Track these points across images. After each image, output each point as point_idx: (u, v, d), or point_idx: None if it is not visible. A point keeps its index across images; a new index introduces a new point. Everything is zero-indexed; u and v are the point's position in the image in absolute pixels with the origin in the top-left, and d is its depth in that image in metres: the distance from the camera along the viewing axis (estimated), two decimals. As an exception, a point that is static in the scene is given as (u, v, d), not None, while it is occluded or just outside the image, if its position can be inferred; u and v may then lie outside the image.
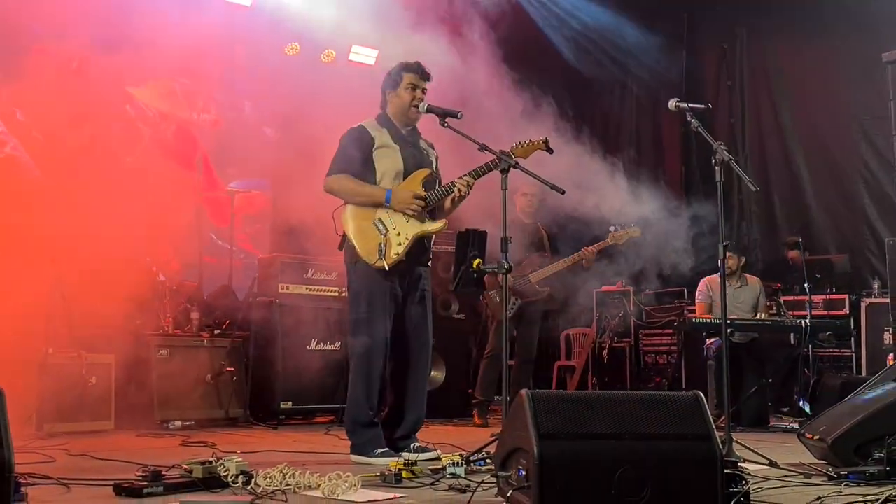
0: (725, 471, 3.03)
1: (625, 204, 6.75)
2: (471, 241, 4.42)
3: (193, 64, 8.72)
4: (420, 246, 4.79)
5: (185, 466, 3.62)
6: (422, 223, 4.72)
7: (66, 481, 3.59)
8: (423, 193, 4.71)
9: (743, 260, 7.50)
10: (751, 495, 3.26)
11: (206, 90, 8.70)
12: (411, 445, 4.62)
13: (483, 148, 4.49)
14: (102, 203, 7.31)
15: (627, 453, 2.95)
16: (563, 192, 4.42)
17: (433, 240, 4.97)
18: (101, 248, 6.99)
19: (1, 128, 8.31)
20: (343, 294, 4.92)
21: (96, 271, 6.76)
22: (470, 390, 7.49)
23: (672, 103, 4.73)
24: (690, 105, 4.66)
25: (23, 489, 3.18)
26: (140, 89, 9.14)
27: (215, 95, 9.09)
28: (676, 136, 10.69)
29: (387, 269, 4.63)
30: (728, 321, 4.78)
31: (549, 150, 4.78)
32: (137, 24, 7.63)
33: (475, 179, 4.72)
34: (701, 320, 6.95)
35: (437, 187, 4.81)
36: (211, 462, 3.60)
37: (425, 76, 4.86)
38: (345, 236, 4.77)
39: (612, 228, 6.89)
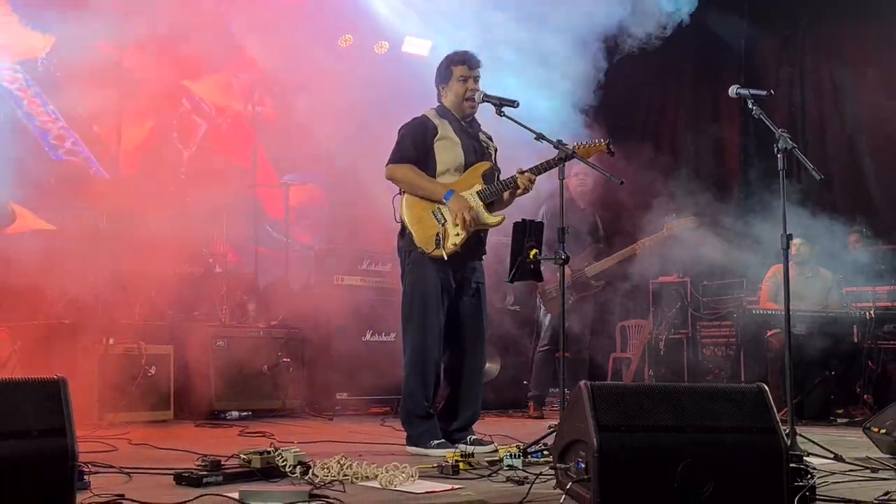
0: (791, 464, 2.96)
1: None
2: (528, 231, 4.37)
3: (249, 57, 8.79)
4: (476, 239, 4.75)
5: (243, 456, 3.64)
6: (480, 215, 4.69)
7: (127, 470, 3.64)
8: (476, 215, 4.64)
9: (817, 248, 7.32)
10: (816, 489, 3.18)
11: (262, 83, 8.76)
12: (468, 438, 4.61)
13: (539, 137, 4.44)
14: (160, 196, 7.42)
15: (689, 446, 2.89)
16: (621, 183, 4.35)
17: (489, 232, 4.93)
18: (160, 241, 7.10)
19: (61, 123, 8.47)
20: (398, 285, 4.89)
21: (155, 263, 6.87)
22: (525, 382, 7.45)
23: (733, 90, 4.61)
24: (752, 92, 4.55)
25: (86, 477, 3.23)
26: (196, 83, 9.25)
27: (270, 88, 9.15)
28: (735, 123, 10.50)
29: (445, 258, 4.60)
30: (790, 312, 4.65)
31: (611, 153, 4.72)
32: (193, 18, 7.71)
33: (536, 175, 4.68)
34: (760, 311, 6.80)
35: (495, 181, 4.77)
36: (269, 452, 3.62)
37: (475, 65, 4.81)
38: (402, 224, 4.75)
39: (667, 219, 6.78)
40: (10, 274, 6.84)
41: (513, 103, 4.58)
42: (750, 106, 4.51)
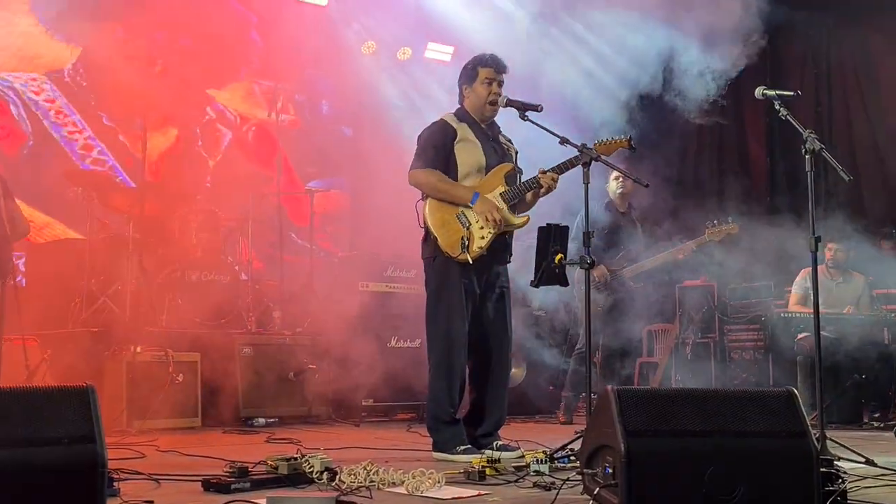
0: (821, 469, 2.92)
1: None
2: (552, 235, 4.35)
3: (272, 65, 8.85)
4: (501, 242, 4.73)
5: (270, 463, 3.66)
6: (505, 217, 4.67)
7: (156, 477, 3.66)
8: (503, 216, 4.63)
9: (852, 253, 7.24)
10: (847, 494, 3.14)
11: (285, 91, 8.81)
12: (494, 443, 4.59)
13: (564, 141, 4.42)
14: (186, 204, 7.48)
15: (718, 451, 2.86)
16: (646, 186, 4.32)
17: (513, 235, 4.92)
18: (186, 249, 7.15)
19: (88, 133, 8.56)
20: (422, 291, 4.88)
21: (181, 271, 6.93)
22: (552, 387, 7.42)
23: (759, 91, 4.58)
24: (778, 93, 4.51)
25: (115, 484, 3.25)
26: (220, 92, 9.32)
27: (294, 96, 9.20)
28: (760, 124, 10.42)
29: (470, 261, 4.59)
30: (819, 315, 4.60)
31: (633, 149, 4.67)
32: (217, 27, 7.77)
33: (559, 174, 4.66)
34: (789, 314, 6.73)
35: (518, 182, 4.76)
36: (296, 459, 3.63)
37: (501, 69, 4.80)
38: (426, 229, 4.74)
39: (708, 224, 6.74)
40: (39, 283, 6.92)
41: (536, 107, 4.57)
42: (777, 107, 4.47)
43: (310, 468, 3.58)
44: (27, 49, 8.29)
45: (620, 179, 6.89)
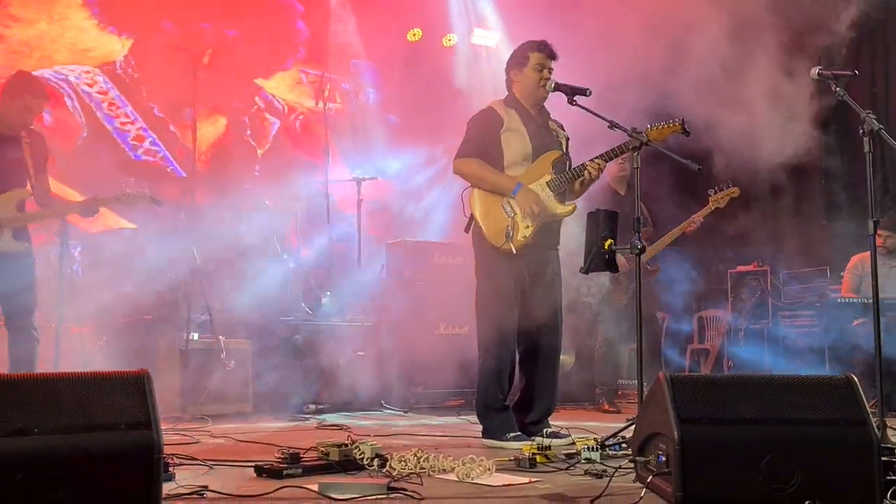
0: (882, 458, 2.85)
1: None
2: (601, 221, 4.30)
3: (318, 54, 8.88)
4: (548, 229, 4.71)
5: (321, 449, 3.68)
6: (550, 206, 4.64)
7: (210, 462, 3.71)
8: (545, 207, 4.60)
9: None
10: (909, 484, 3.06)
11: (332, 80, 8.84)
12: (544, 430, 4.57)
13: (613, 126, 4.36)
14: (235, 193, 7.55)
15: (775, 439, 2.81)
16: (697, 169, 4.24)
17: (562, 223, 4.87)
18: (235, 237, 7.22)
19: (140, 124, 8.68)
20: (471, 278, 4.86)
21: (231, 259, 7.00)
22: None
23: (814, 71, 4.46)
24: (835, 72, 4.39)
25: (171, 469, 3.30)
26: (268, 81, 9.38)
27: (340, 84, 9.22)
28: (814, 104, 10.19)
29: (514, 251, 4.57)
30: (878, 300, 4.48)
31: (686, 133, 4.58)
32: (263, 17, 7.81)
33: (606, 162, 4.61)
34: (845, 300, 6.59)
35: (566, 170, 4.71)
36: (347, 445, 3.65)
37: (552, 56, 4.75)
38: (472, 218, 4.73)
39: (710, 192, 6.62)
40: (93, 272, 7.04)
41: (585, 91, 4.51)
42: (834, 88, 4.35)
43: (360, 454, 3.59)
44: (80, 42, 8.42)
45: (620, 163, 6.73)
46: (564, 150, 4.83)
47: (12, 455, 2.34)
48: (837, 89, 4.32)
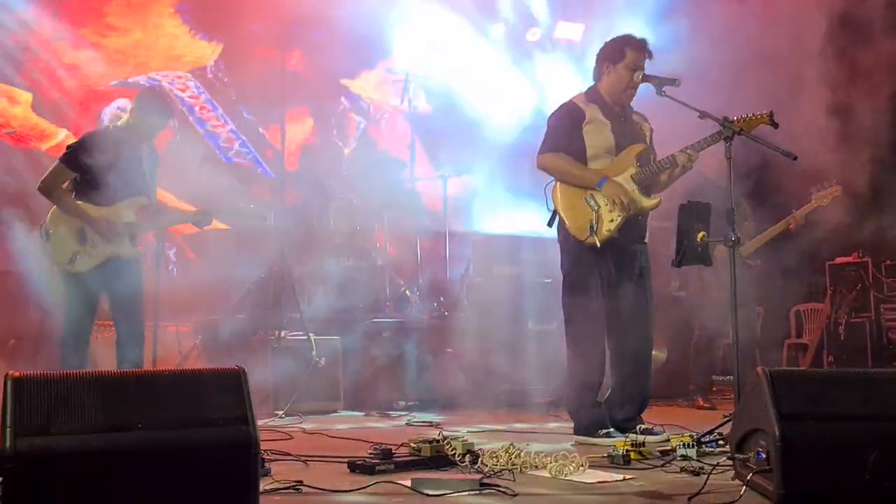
0: None
1: None
2: (694, 213, 4.21)
3: (403, 53, 8.93)
4: (633, 222, 4.61)
5: (413, 445, 3.69)
6: (636, 199, 4.55)
7: (304, 458, 3.76)
8: (633, 199, 4.52)
9: None
10: None
11: (416, 78, 8.87)
12: (637, 427, 4.49)
13: (703, 115, 4.25)
14: (322, 192, 7.66)
15: (882, 436, 2.71)
16: (794, 158, 4.10)
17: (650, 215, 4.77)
18: (324, 236, 7.33)
19: (230, 126, 8.88)
20: (558, 273, 4.81)
21: (320, 258, 7.10)
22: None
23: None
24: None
25: (266, 464, 3.36)
26: (353, 80, 9.48)
27: (425, 83, 9.26)
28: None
29: (598, 245, 4.50)
30: None
31: (775, 125, 4.42)
32: (347, 17, 7.88)
33: (697, 153, 4.50)
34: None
35: (651, 162, 4.62)
36: (438, 441, 3.65)
37: (649, 56, 4.63)
38: (555, 212, 4.68)
39: (813, 190, 6.42)
40: (188, 272, 7.24)
41: (674, 82, 4.41)
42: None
43: (452, 450, 3.59)
44: (173, 49, 8.66)
45: (718, 155, 6.52)
46: (648, 142, 4.74)
47: (116, 450, 2.41)
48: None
